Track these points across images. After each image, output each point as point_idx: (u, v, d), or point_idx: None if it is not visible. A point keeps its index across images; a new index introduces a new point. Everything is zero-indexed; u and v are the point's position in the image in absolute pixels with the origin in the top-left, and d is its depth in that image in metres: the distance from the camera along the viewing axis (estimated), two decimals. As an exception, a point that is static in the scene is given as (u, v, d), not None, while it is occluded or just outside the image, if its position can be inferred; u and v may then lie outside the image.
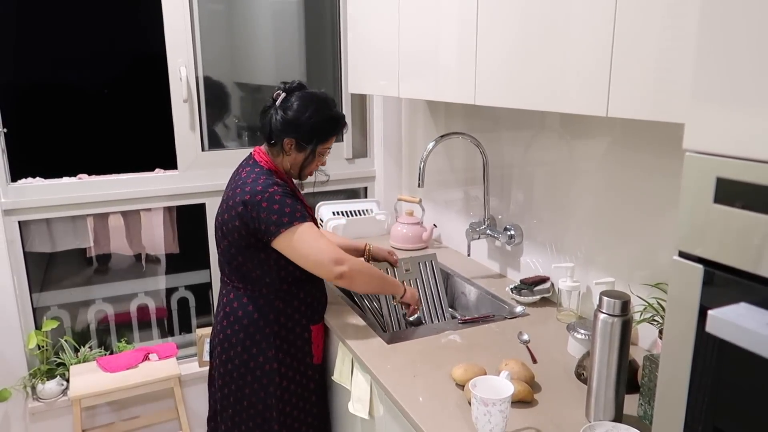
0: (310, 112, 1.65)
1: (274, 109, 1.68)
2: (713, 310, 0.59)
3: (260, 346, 1.68)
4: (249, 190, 1.58)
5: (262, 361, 1.69)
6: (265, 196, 1.56)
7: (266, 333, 1.68)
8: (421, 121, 2.57)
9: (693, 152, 0.64)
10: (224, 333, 1.71)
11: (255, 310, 1.68)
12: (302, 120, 1.65)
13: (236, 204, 1.59)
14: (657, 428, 0.72)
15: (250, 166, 1.68)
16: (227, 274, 1.73)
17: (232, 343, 1.69)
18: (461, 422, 1.24)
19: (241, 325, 1.68)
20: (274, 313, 1.69)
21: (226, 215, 1.63)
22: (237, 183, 1.64)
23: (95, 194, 2.28)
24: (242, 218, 1.58)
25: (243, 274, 1.68)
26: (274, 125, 1.67)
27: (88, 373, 2.25)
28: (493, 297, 1.92)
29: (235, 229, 1.61)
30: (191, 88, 2.33)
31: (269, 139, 1.69)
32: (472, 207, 2.27)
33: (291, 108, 1.66)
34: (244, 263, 1.65)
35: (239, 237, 1.61)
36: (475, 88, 1.60)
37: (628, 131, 1.54)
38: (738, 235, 0.61)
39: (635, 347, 1.55)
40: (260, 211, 1.56)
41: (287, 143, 1.67)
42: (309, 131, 1.67)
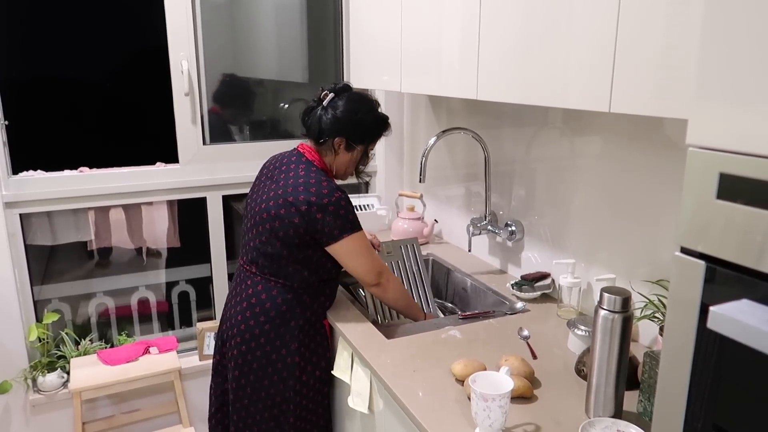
0: (361, 113, 1.72)
1: (322, 109, 1.71)
2: (715, 306, 0.59)
3: (284, 339, 1.69)
4: (314, 192, 1.60)
5: (284, 354, 1.69)
6: (332, 200, 1.61)
7: (291, 326, 1.69)
8: (423, 116, 2.57)
9: (696, 147, 0.64)
10: (246, 323, 1.70)
11: (284, 303, 1.69)
12: (354, 120, 1.71)
13: (300, 202, 1.60)
14: (656, 424, 0.72)
15: (304, 164, 1.69)
16: (259, 265, 1.72)
17: (255, 334, 1.69)
18: (460, 417, 1.24)
19: (267, 316, 1.69)
20: (300, 307, 1.70)
21: (283, 210, 1.63)
22: (297, 181, 1.64)
23: (96, 187, 2.28)
24: (305, 217, 1.60)
25: (280, 266, 1.68)
26: (324, 124, 1.70)
27: (89, 366, 2.25)
28: (494, 293, 1.92)
29: (293, 225, 1.62)
30: (192, 82, 2.33)
31: (318, 137, 1.72)
32: (474, 203, 2.26)
33: (340, 108, 1.70)
34: (287, 257, 1.66)
35: (295, 234, 1.62)
36: (477, 83, 1.59)
37: (631, 128, 1.54)
38: (740, 231, 0.61)
39: (636, 344, 1.55)
40: (327, 214, 1.60)
41: (338, 142, 1.72)
42: (360, 131, 1.73)
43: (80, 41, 2.45)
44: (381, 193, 2.75)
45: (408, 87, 1.97)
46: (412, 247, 2.06)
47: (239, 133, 2.69)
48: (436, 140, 1.95)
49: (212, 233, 2.52)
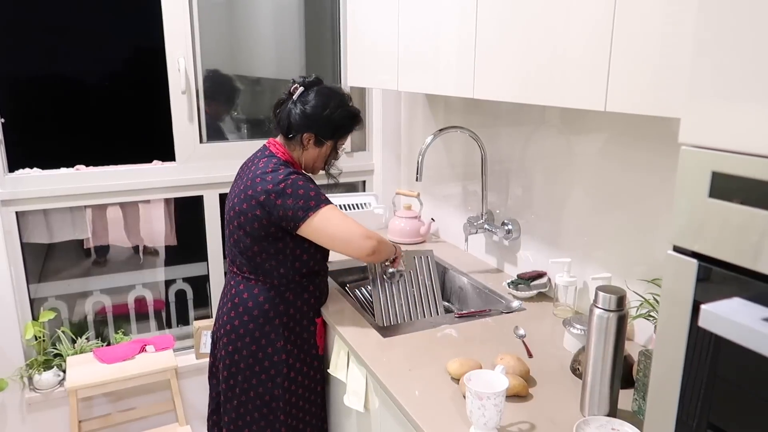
0: (330, 108, 1.69)
1: (292, 103, 1.69)
2: (706, 304, 0.59)
3: (269, 337, 1.69)
4: (270, 179, 1.59)
5: (270, 352, 1.69)
6: (288, 183, 1.58)
7: (276, 324, 1.69)
8: (421, 115, 2.56)
9: (689, 146, 0.64)
10: (232, 324, 1.70)
11: (266, 301, 1.68)
12: (323, 116, 1.68)
13: (258, 193, 1.59)
14: (649, 422, 0.72)
15: (267, 157, 1.68)
16: (238, 264, 1.72)
17: (240, 334, 1.69)
18: (455, 416, 1.24)
19: (251, 316, 1.69)
20: (284, 304, 1.70)
21: (245, 205, 1.62)
22: (255, 173, 1.63)
23: (93, 185, 2.28)
24: (265, 207, 1.59)
25: (256, 264, 1.68)
26: (293, 119, 1.68)
27: (85, 364, 2.25)
28: (490, 292, 1.92)
29: (256, 219, 1.61)
30: (189, 80, 2.33)
31: (287, 132, 1.70)
32: (470, 202, 2.26)
33: (310, 103, 1.68)
34: (259, 253, 1.66)
35: (259, 227, 1.62)
36: (474, 81, 1.59)
37: (627, 127, 1.54)
38: (733, 230, 0.61)
39: (631, 343, 1.55)
40: (285, 198, 1.57)
41: (306, 138, 1.70)
42: (329, 127, 1.70)
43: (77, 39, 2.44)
44: (378, 192, 2.75)
45: (405, 86, 1.97)
46: (427, 259, 2.04)
47: (237, 131, 2.69)
48: (433, 139, 1.95)
49: (209, 231, 2.52)
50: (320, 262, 1.75)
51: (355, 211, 2.55)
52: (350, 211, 2.55)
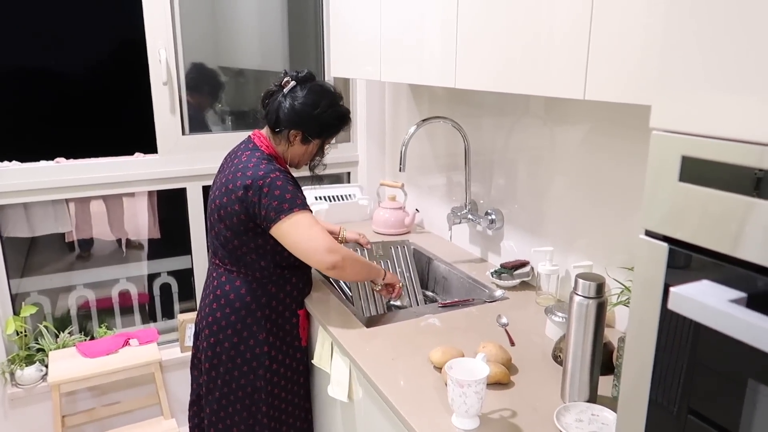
0: (321, 107, 1.66)
1: (282, 96, 1.66)
2: (675, 287, 0.60)
3: (251, 329, 1.68)
4: (251, 175, 1.56)
5: (252, 344, 1.68)
6: (267, 182, 1.55)
7: (258, 317, 1.68)
8: (405, 106, 2.56)
9: (659, 131, 0.64)
10: (214, 316, 1.70)
11: (248, 293, 1.68)
12: (312, 114, 1.65)
13: (237, 188, 1.57)
14: (622, 405, 0.73)
15: (250, 150, 1.66)
16: (220, 257, 1.71)
17: (222, 326, 1.68)
18: (438, 404, 1.25)
19: (232, 308, 1.68)
20: (266, 297, 1.69)
21: (225, 198, 1.61)
22: (237, 167, 1.61)
23: (73, 178, 2.25)
24: (243, 203, 1.57)
25: (237, 257, 1.67)
26: (282, 114, 1.65)
27: (68, 359, 2.23)
28: (474, 281, 1.92)
29: (235, 213, 1.59)
30: (171, 71, 2.30)
31: (275, 126, 1.68)
32: (455, 192, 2.27)
33: (300, 99, 1.64)
34: (240, 247, 1.64)
35: (238, 221, 1.60)
36: (455, 71, 1.59)
37: (609, 118, 1.55)
38: (702, 213, 0.61)
39: (612, 330, 1.57)
40: (261, 196, 1.55)
41: (293, 135, 1.67)
42: (317, 126, 1.67)
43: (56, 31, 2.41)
44: (363, 183, 2.75)
45: (388, 76, 1.96)
46: (403, 249, 2.05)
47: (221, 123, 2.67)
48: (416, 129, 1.95)
49: (192, 224, 2.50)
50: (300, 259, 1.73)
51: (339, 203, 2.55)
52: (335, 202, 2.55)
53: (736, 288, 0.58)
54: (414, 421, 1.19)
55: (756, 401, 0.58)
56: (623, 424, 0.74)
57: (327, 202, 2.51)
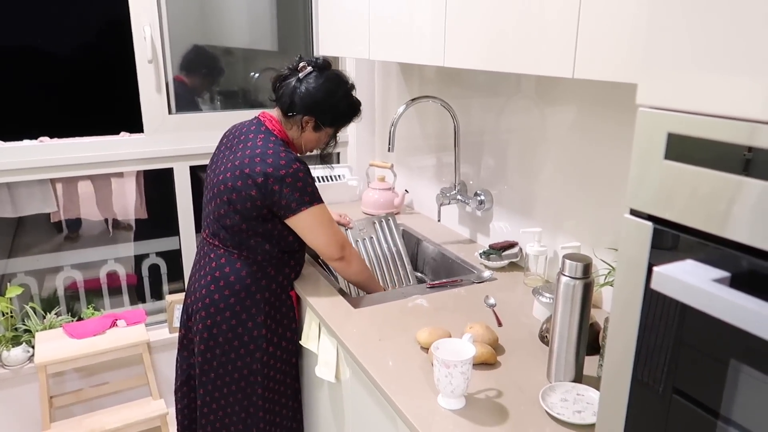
0: (337, 97, 1.68)
1: (297, 81, 1.66)
2: (658, 266, 0.59)
3: (250, 312, 1.67)
4: (271, 163, 1.55)
5: (251, 326, 1.68)
6: (290, 172, 1.56)
7: (257, 299, 1.67)
8: (395, 86, 2.53)
9: (646, 107, 0.63)
10: (211, 297, 1.68)
11: (248, 275, 1.66)
12: (328, 103, 1.67)
13: (256, 174, 1.56)
14: (605, 384, 0.72)
15: (263, 134, 1.64)
16: (221, 238, 1.69)
17: (220, 308, 1.67)
18: (424, 384, 1.25)
19: (232, 290, 1.66)
20: (266, 279, 1.68)
21: (240, 182, 1.58)
22: (254, 151, 1.59)
23: (58, 158, 2.22)
24: (261, 190, 1.56)
25: (242, 240, 1.65)
26: (297, 98, 1.65)
27: (54, 340, 2.22)
28: (462, 262, 1.92)
29: (250, 198, 1.57)
30: (156, 49, 2.26)
31: (288, 110, 1.67)
32: (444, 173, 2.25)
33: (316, 86, 1.65)
34: (246, 230, 1.63)
35: (252, 207, 1.59)
36: (444, 49, 1.57)
37: (600, 98, 1.53)
38: (688, 192, 0.60)
39: (599, 310, 1.57)
40: (284, 186, 1.55)
41: (306, 121, 1.67)
42: (331, 114, 1.69)
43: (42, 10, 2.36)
44: (352, 164, 2.73)
45: (377, 54, 1.93)
46: (387, 222, 2.04)
47: (210, 103, 2.64)
48: (405, 109, 1.93)
49: (180, 205, 2.48)
50: (302, 241, 1.73)
51: (328, 183, 2.53)
52: (324, 183, 2.53)
53: (720, 268, 0.58)
54: (400, 401, 1.19)
55: (738, 381, 0.57)
56: (606, 402, 0.74)
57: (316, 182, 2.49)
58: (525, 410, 1.17)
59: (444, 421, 1.14)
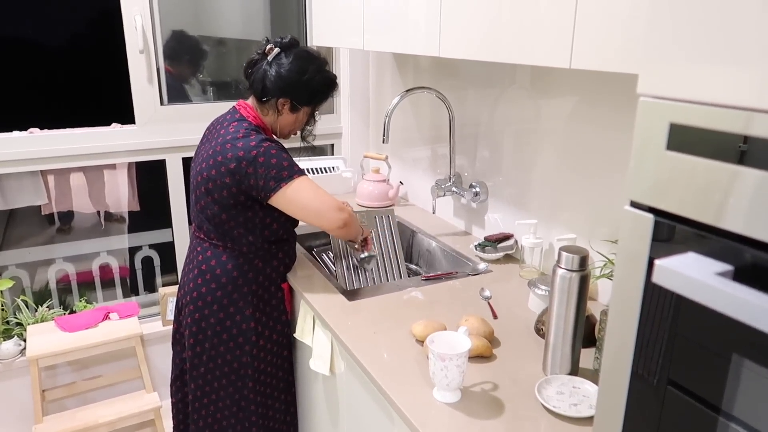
0: (309, 73, 1.62)
1: (267, 64, 1.61)
2: (660, 260, 0.58)
3: (237, 305, 1.65)
4: (242, 146, 1.52)
5: (239, 319, 1.66)
6: (261, 151, 1.51)
7: (244, 292, 1.65)
8: (389, 76, 2.51)
9: (647, 97, 0.62)
10: (198, 291, 1.66)
11: (234, 268, 1.64)
12: (300, 81, 1.61)
13: (228, 161, 1.53)
14: (604, 378, 0.72)
15: (237, 121, 1.61)
16: (205, 231, 1.67)
17: (208, 302, 1.65)
18: (419, 377, 1.24)
19: (219, 283, 1.65)
20: (253, 272, 1.66)
21: (214, 171, 1.55)
22: (225, 138, 1.56)
23: (48, 149, 2.19)
24: (235, 176, 1.53)
25: (224, 232, 1.63)
26: (268, 83, 1.61)
27: (46, 333, 2.20)
28: (457, 254, 1.91)
29: (225, 186, 1.55)
30: (147, 39, 2.23)
31: (261, 95, 1.63)
32: (439, 165, 2.24)
33: (286, 66, 1.60)
34: (227, 221, 1.61)
35: (228, 195, 1.56)
36: (439, 39, 1.55)
37: (595, 90, 1.52)
38: (689, 183, 0.59)
39: (595, 303, 1.56)
40: (257, 167, 1.51)
41: (281, 103, 1.63)
42: (306, 93, 1.64)
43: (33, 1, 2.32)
44: (346, 155, 2.71)
45: (371, 45, 1.91)
46: (388, 219, 2.03)
47: (203, 94, 2.61)
48: (399, 100, 1.91)
49: (173, 197, 2.45)
50: (289, 230, 1.72)
51: (323, 175, 2.51)
52: (318, 174, 2.51)
53: (722, 261, 0.57)
54: (395, 395, 1.18)
55: (740, 376, 0.57)
56: (604, 396, 0.73)
57: (310, 174, 2.48)
58: (520, 403, 1.16)
59: (439, 414, 1.13)
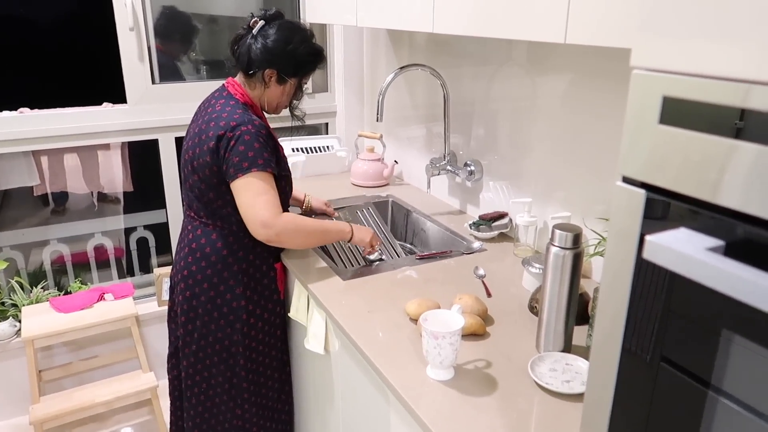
0: (294, 43, 1.59)
1: (252, 38, 1.59)
2: (651, 235, 0.57)
3: (228, 283, 1.65)
4: (223, 125, 1.52)
5: (229, 298, 1.66)
6: (235, 134, 1.50)
7: (234, 270, 1.65)
8: (384, 54, 2.48)
9: (640, 69, 0.61)
10: (189, 269, 1.66)
11: (224, 247, 1.64)
12: (285, 50, 1.59)
13: (209, 139, 1.52)
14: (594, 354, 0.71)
15: (224, 99, 1.60)
16: (195, 209, 1.66)
17: (198, 279, 1.65)
18: (413, 356, 1.24)
19: (208, 261, 1.64)
20: (243, 250, 1.65)
21: (198, 149, 1.56)
22: (211, 116, 1.55)
23: (39, 129, 2.17)
24: (214, 155, 1.53)
25: (213, 210, 1.62)
26: (254, 54, 1.58)
27: (41, 314, 2.20)
28: (452, 233, 1.91)
29: (207, 165, 1.54)
30: (138, 16, 2.19)
31: (247, 69, 1.61)
32: (434, 144, 2.22)
33: (271, 37, 1.58)
34: (215, 200, 1.60)
35: (211, 174, 1.56)
36: (433, 15, 1.52)
37: (591, 67, 1.50)
38: (682, 158, 0.58)
39: (588, 280, 1.56)
40: (227, 149, 1.51)
41: (268, 75, 1.61)
42: (292, 63, 1.61)
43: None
44: (341, 134, 2.69)
45: (364, 21, 1.88)
46: (369, 210, 2.03)
47: (196, 73, 2.58)
48: (393, 77, 1.89)
49: (166, 177, 2.44)
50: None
51: (317, 155, 2.50)
52: (313, 154, 2.49)
53: (714, 236, 0.56)
54: (389, 373, 1.19)
55: (729, 351, 0.56)
56: (595, 372, 0.73)
57: (304, 153, 2.46)
58: (514, 380, 1.16)
59: (433, 391, 1.13)
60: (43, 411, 2.10)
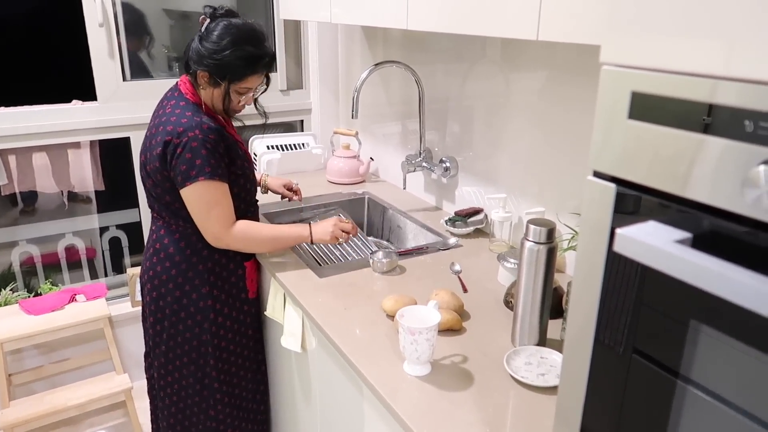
0: (225, 44, 1.49)
1: (198, 37, 1.54)
2: (621, 228, 0.58)
3: (193, 283, 1.63)
4: (171, 131, 1.48)
5: (195, 298, 1.64)
6: (182, 141, 1.46)
7: (199, 270, 1.63)
8: (359, 51, 2.48)
9: (609, 65, 0.62)
10: (154, 270, 1.64)
11: (187, 246, 1.62)
12: (216, 52, 1.50)
13: (158, 144, 1.49)
14: (568, 347, 0.72)
15: (175, 99, 1.56)
16: (157, 210, 1.64)
17: (163, 280, 1.63)
18: (389, 352, 1.25)
19: (172, 261, 1.62)
20: (208, 249, 1.63)
21: (149, 154, 1.53)
22: (161, 119, 1.52)
23: (6, 127, 2.11)
24: (161, 160, 1.50)
25: (174, 211, 1.60)
26: (192, 53, 1.54)
27: (10, 317, 2.15)
28: (428, 229, 1.91)
29: (158, 170, 1.52)
30: (108, 12, 2.15)
31: (186, 68, 1.58)
32: (410, 140, 2.23)
33: (210, 38, 1.51)
34: (173, 202, 1.57)
35: (162, 178, 1.53)
36: (407, 12, 1.52)
37: (564, 64, 1.52)
38: (651, 152, 0.59)
39: (562, 275, 1.58)
40: (174, 157, 1.48)
41: (201, 76, 1.54)
42: (221, 67, 1.51)
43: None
44: (316, 132, 2.68)
45: (339, 17, 1.88)
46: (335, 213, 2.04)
47: (168, 70, 2.54)
48: (368, 74, 1.89)
49: (138, 176, 2.40)
50: (242, 211, 1.65)
51: (292, 152, 2.48)
52: (288, 152, 2.48)
53: (682, 228, 0.57)
54: (366, 369, 1.19)
55: (697, 341, 0.58)
56: (569, 364, 0.74)
57: (279, 151, 2.44)
58: (490, 374, 1.17)
59: (409, 387, 1.14)
60: (14, 415, 2.05)
